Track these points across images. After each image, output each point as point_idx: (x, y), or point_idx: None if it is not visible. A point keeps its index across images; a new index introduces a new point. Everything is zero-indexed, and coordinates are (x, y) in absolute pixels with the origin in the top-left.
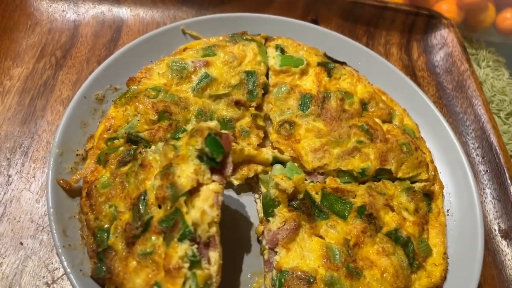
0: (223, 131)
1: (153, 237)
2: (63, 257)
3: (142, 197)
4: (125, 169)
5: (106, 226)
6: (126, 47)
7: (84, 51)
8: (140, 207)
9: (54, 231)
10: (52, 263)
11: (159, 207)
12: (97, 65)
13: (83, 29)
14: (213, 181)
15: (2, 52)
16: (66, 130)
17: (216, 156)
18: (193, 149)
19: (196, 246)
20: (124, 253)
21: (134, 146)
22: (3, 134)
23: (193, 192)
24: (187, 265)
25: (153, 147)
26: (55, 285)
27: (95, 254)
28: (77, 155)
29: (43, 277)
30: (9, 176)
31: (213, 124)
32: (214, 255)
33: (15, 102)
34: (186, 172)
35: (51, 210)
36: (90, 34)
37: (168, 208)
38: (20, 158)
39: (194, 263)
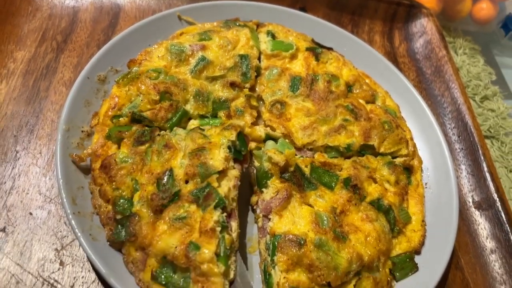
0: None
1: (186, 205)
2: (73, 223)
3: (168, 173)
4: (143, 148)
5: (127, 196)
6: (126, 32)
7: (83, 36)
8: (167, 181)
9: (65, 200)
10: (60, 231)
11: (186, 182)
12: (96, 49)
13: (82, 15)
14: (234, 168)
15: (5, 36)
16: (72, 108)
17: (244, 150)
18: (226, 140)
19: (225, 214)
20: (151, 219)
21: (147, 128)
22: (9, 113)
23: (220, 172)
24: (219, 229)
25: (174, 131)
26: (64, 251)
27: (111, 221)
28: (82, 131)
29: (53, 244)
30: (17, 152)
31: (242, 123)
32: (235, 224)
33: (20, 83)
34: (218, 157)
35: (61, 180)
36: (89, 20)
37: (199, 182)
38: (27, 136)
39: (224, 228)
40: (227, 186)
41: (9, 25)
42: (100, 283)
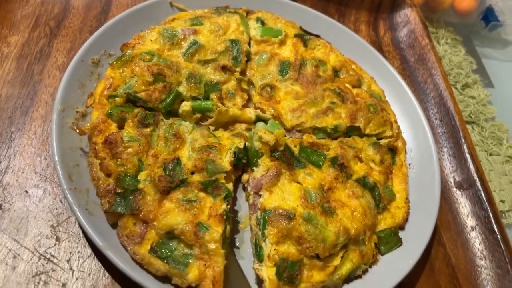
0: None
1: (195, 191)
2: (70, 198)
3: (176, 161)
4: (147, 130)
5: (131, 173)
6: (119, 17)
7: (76, 22)
8: (173, 168)
9: (61, 176)
10: (56, 209)
11: (192, 173)
12: (89, 35)
13: (75, 2)
14: (233, 172)
15: None
16: (67, 89)
17: (244, 159)
18: (235, 145)
19: (229, 207)
20: (157, 197)
21: (149, 112)
22: (4, 96)
23: (227, 173)
24: (225, 217)
25: (179, 122)
26: (60, 228)
27: (110, 194)
28: (77, 112)
29: (49, 220)
30: (12, 133)
31: (247, 134)
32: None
33: (14, 67)
34: (226, 159)
35: (57, 157)
36: (81, 7)
37: (206, 176)
38: (21, 117)
39: (227, 219)
40: (230, 186)
41: (2, 10)
42: (95, 258)
